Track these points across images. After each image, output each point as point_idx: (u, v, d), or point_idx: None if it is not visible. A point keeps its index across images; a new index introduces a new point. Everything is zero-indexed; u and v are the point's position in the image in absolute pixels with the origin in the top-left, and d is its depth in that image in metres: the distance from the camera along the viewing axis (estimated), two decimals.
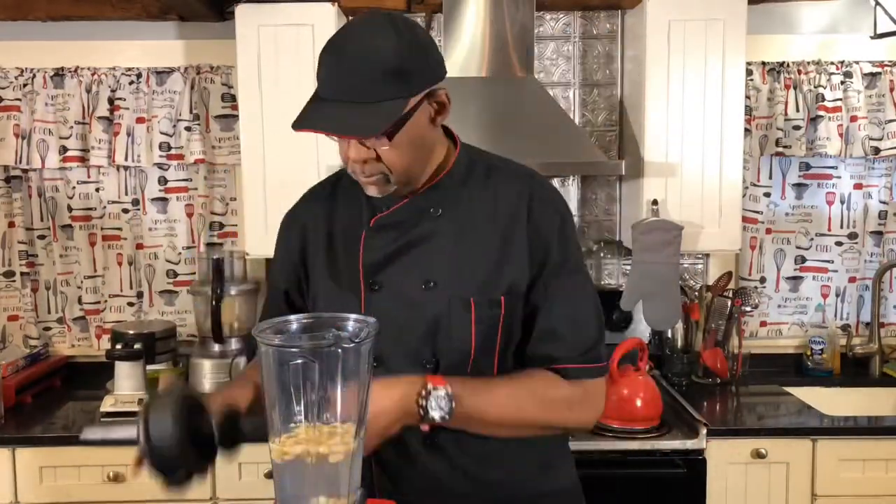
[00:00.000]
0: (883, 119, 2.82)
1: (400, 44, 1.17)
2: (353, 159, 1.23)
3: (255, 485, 2.33)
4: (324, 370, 0.96)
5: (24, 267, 2.88)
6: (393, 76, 1.16)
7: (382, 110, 1.16)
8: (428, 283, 1.30)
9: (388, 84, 1.16)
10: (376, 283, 1.32)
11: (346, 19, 2.79)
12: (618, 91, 2.88)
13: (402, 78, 1.17)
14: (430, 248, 1.31)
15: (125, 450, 2.42)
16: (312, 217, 1.42)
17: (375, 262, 1.33)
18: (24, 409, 2.56)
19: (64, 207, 2.88)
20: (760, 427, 2.38)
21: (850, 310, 2.97)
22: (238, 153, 2.69)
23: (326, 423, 0.98)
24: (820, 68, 2.80)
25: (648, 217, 2.57)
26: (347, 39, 1.19)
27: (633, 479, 2.25)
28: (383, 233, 1.33)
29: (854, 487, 2.33)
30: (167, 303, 2.94)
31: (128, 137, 2.78)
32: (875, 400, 2.76)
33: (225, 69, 2.79)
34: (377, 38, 1.16)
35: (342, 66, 1.17)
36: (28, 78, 2.78)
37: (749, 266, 2.93)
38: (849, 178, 2.92)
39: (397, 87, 1.17)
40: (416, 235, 1.32)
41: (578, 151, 2.44)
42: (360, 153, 1.22)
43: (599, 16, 2.86)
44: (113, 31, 2.81)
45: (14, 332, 2.94)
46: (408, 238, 1.32)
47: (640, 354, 2.36)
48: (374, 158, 1.22)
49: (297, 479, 1.01)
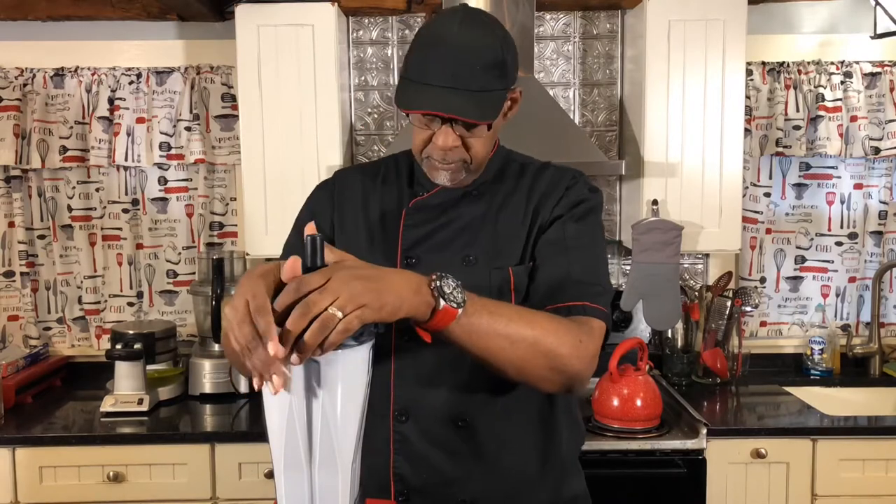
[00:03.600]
0: (883, 119, 2.82)
1: (499, 38, 1.25)
2: (441, 146, 1.27)
3: (255, 485, 2.33)
4: (325, 370, 0.95)
5: (24, 267, 2.88)
6: (496, 68, 1.23)
7: (490, 99, 1.24)
8: (467, 258, 1.33)
9: (492, 75, 1.23)
10: (413, 257, 1.35)
11: (346, 19, 2.80)
12: (618, 91, 2.88)
13: (503, 70, 1.25)
14: (468, 226, 1.36)
15: (125, 449, 2.44)
16: (350, 185, 1.45)
17: (414, 239, 1.36)
18: (24, 409, 2.56)
19: (64, 207, 2.88)
20: (760, 427, 2.38)
21: (850, 310, 2.97)
22: (238, 153, 2.69)
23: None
24: (820, 68, 2.80)
25: (648, 217, 2.57)
26: (449, 30, 1.23)
27: (633, 479, 2.26)
28: (423, 213, 1.38)
29: (854, 487, 2.33)
30: (167, 303, 2.94)
31: (128, 137, 2.79)
32: (875, 400, 2.77)
33: (225, 69, 2.79)
34: (480, 32, 1.24)
35: (448, 55, 1.22)
36: (28, 78, 2.78)
37: (749, 266, 2.93)
38: (849, 178, 2.92)
39: (500, 79, 1.25)
40: (455, 215, 1.37)
41: (578, 151, 2.44)
42: (449, 140, 1.27)
43: (599, 16, 2.86)
44: (113, 31, 2.81)
45: (14, 332, 2.94)
46: (447, 217, 1.37)
47: (640, 354, 2.36)
48: (459, 146, 1.28)
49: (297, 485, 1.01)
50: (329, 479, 0.99)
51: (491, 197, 1.38)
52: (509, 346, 1.13)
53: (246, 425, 2.46)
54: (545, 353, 1.16)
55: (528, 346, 1.14)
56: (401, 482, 1.34)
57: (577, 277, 1.29)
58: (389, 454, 1.34)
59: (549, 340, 1.16)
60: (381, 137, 2.89)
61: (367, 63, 2.87)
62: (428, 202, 1.38)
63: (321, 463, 0.98)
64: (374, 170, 1.47)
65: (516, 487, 1.36)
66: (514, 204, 1.37)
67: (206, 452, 2.33)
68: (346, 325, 0.91)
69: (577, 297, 1.27)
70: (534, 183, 1.39)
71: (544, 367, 1.17)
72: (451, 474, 1.33)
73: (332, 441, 0.98)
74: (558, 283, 1.29)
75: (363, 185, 1.44)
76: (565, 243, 1.32)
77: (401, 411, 1.33)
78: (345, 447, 0.99)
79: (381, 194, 1.42)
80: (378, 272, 1.00)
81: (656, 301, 2.59)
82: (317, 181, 1.52)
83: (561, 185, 1.38)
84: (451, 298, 1.05)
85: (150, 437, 2.36)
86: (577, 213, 1.35)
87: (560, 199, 1.36)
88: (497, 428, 1.33)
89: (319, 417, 0.97)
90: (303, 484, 0.99)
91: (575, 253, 1.32)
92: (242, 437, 2.35)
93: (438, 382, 1.32)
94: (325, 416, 0.96)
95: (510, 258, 1.34)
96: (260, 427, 2.35)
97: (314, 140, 2.50)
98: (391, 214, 1.40)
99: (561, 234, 1.33)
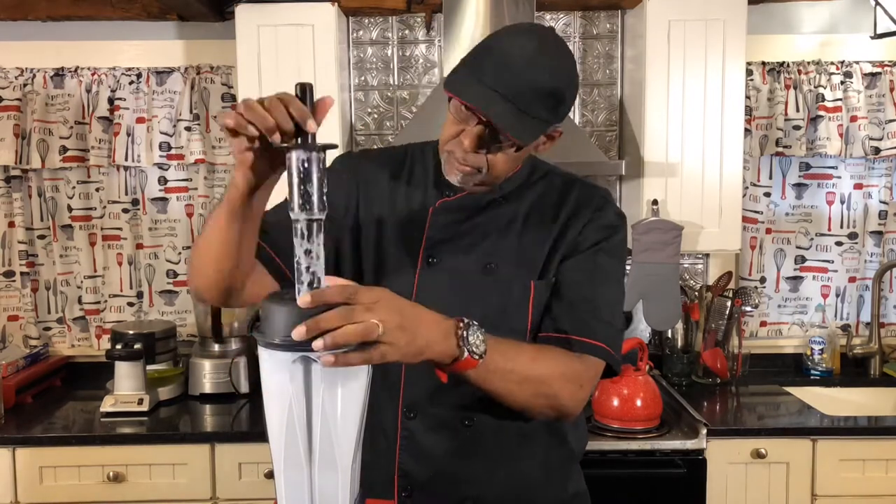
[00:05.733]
0: (883, 119, 2.82)
1: (567, 73, 1.24)
2: (467, 147, 1.25)
3: (255, 485, 2.33)
4: (325, 370, 0.95)
5: (24, 267, 2.88)
6: (552, 98, 1.22)
7: (533, 125, 1.22)
8: (489, 265, 1.33)
9: (545, 104, 1.21)
10: (434, 257, 1.35)
11: (346, 19, 2.80)
12: (618, 91, 2.88)
13: (557, 103, 1.23)
14: (492, 232, 1.36)
15: (125, 449, 2.44)
16: (385, 166, 1.43)
17: (437, 239, 1.36)
18: (24, 409, 2.56)
19: (64, 207, 2.88)
20: (760, 427, 2.38)
21: (850, 310, 2.97)
22: None
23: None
24: (820, 68, 2.80)
25: (648, 217, 2.57)
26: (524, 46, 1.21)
27: (633, 479, 2.25)
28: (448, 214, 1.37)
29: (854, 487, 2.33)
30: (167, 303, 2.94)
31: (128, 137, 2.79)
32: (875, 400, 2.77)
33: (225, 69, 2.79)
34: (552, 58, 1.22)
35: (513, 66, 1.19)
36: (28, 78, 2.78)
37: (749, 266, 2.93)
38: (849, 178, 2.92)
39: (551, 111, 1.23)
40: (480, 221, 1.36)
41: (578, 151, 2.43)
42: (474, 141, 1.25)
43: (599, 16, 2.86)
44: (113, 31, 2.81)
45: (14, 332, 2.93)
46: (472, 222, 1.36)
47: (640, 354, 2.36)
48: (483, 152, 1.26)
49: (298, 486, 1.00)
50: (329, 479, 0.99)
51: (517, 206, 1.37)
52: (517, 388, 1.20)
53: (246, 425, 2.46)
54: (546, 396, 1.24)
55: (532, 390, 1.22)
56: (405, 478, 1.35)
57: (601, 315, 1.31)
58: (395, 450, 1.35)
59: (554, 386, 1.24)
60: (381, 137, 2.89)
61: (367, 63, 2.87)
62: (454, 204, 1.37)
63: (321, 463, 0.98)
64: (399, 161, 1.44)
65: (521, 487, 1.37)
66: (540, 216, 1.37)
67: (206, 452, 2.33)
68: (366, 357, 0.95)
69: (595, 335, 1.29)
70: (562, 199, 1.38)
71: (543, 406, 1.25)
72: (456, 472, 1.34)
73: (332, 441, 0.98)
74: (581, 317, 1.30)
75: (390, 179, 1.42)
76: (594, 276, 1.33)
77: (409, 407, 1.34)
78: (345, 447, 0.99)
79: (407, 191, 1.41)
80: (417, 312, 1.05)
81: (656, 301, 2.59)
82: None
83: (590, 206, 1.37)
84: (474, 350, 1.10)
85: (150, 437, 2.36)
86: (611, 247, 1.36)
87: (589, 220, 1.35)
88: (503, 428, 1.34)
89: (319, 417, 0.97)
90: (303, 484, 0.99)
91: (602, 290, 1.33)
92: (242, 437, 2.35)
93: (448, 381, 1.33)
94: (325, 416, 0.96)
95: (532, 271, 1.33)
96: (260, 427, 2.35)
97: None
98: (416, 212, 1.39)
99: (592, 266, 1.33)
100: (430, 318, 1.07)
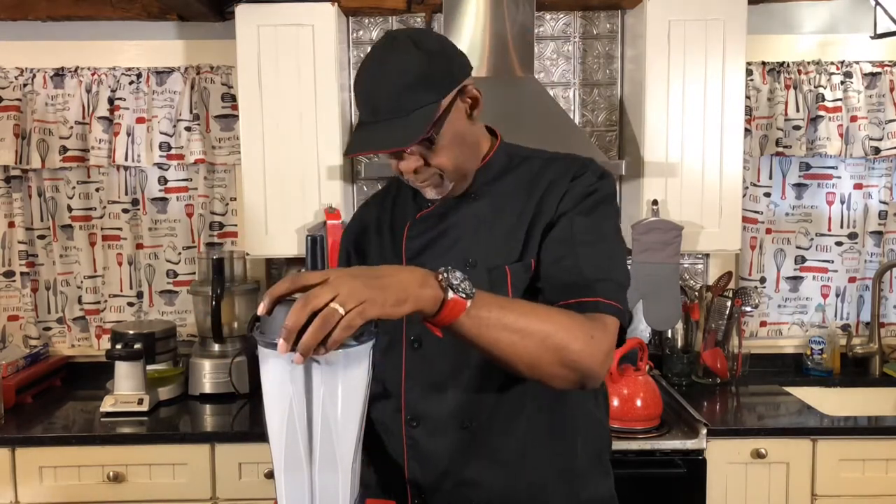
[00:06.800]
0: (883, 119, 2.82)
1: (418, 54, 1.23)
2: (405, 170, 1.31)
3: (255, 485, 2.33)
4: (325, 370, 0.95)
5: (24, 267, 2.88)
6: (418, 85, 1.22)
7: (416, 119, 1.23)
8: (468, 262, 1.33)
9: (416, 94, 1.22)
10: (417, 264, 1.33)
11: (346, 19, 2.80)
12: (618, 91, 2.88)
13: (427, 85, 1.23)
14: (468, 229, 1.36)
15: (125, 449, 2.44)
16: (370, 217, 1.51)
17: (416, 249, 1.38)
18: (24, 409, 2.56)
19: (64, 207, 2.88)
20: (760, 427, 2.37)
21: (850, 310, 2.97)
22: (238, 153, 2.69)
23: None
24: (820, 68, 2.80)
25: (648, 217, 2.57)
26: (371, 65, 1.26)
27: (633, 479, 2.25)
28: (425, 223, 1.40)
29: (854, 487, 2.33)
30: (167, 303, 2.94)
31: (128, 137, 2.79)
32: (875, 400, 2.76)
33: (225, 69, 2.79)
34: (396, 55, 1.23)
35: (373, 90, 1.24)
36: (28, 78, 2.78)
37: (749, 266, 2.93)
38: (849, 178, 2.92)
39: (425, 95, 1.23)
40: (455, 221, 1.38)
41: (578, 151, 2.40)
42: (410, 163, 1.29)
43: (599, 16, 2.86)
44: (113, 31, 2.81)
45: (14, 332, 2.94)
46: (447, 224, 1.38)
47: (640, 354, 2.36)
48: (423, 165, 1.30)
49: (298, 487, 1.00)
50: (329, 479, 0.99)
51: (491, 198, 1.37)
52: (519, 340, 1.11)
53: (246, 425, 2.46)
54: (556, 349, 1.13)
55: (538, 341, 1.12)
56: (416, 487, 1.36)
57: (588, 274, 1.25)
58: (404, 461, 1.36)
59: (561, 335, 1.14)
60: None
61: None
62: (432, 213, 1.40)
63: (321, 463, 0.99)
64: (384, 195, 1.53)
65: (529, 491, 1.36)
66: (513, 201, 1.36)
67: (206, 452, 2.33)
68: (349, 321, 0.91)
69: (588, 293, 1.23)
70: (536, 177, 1.37)
71: (555, 362, 1.14)
72: (463, 476, 1.34)
73: (332, 441, 0.98)
74: (568, 282, 1.26)
75: (378, 214, 1.49)
76: (573, 239, 1.29)
77: (412, 416, 1.35)
78: (345, 447, 0.99)
79: (392, 215, 1.46)
80: (380, 270, 1.01)
81: (656, 301, 2.59)
82: (317, 181, 1.55)
83: (566, 177, 1.34)
84: (459, 290, 1.04)
85: (150, 437, 2.36)
86: (585, 207, 1.32)
87: (565, 192, 1.33)
88: (505, 431, 1.34)
89: (319, 417, 0.97)
90: (303, 484, 1.00)
91: (584, 249, 1.28)
92: (242, 437, 2.35)
93: (446, 387, 1.33)
94: (326, 416, 0.96)
95: (508, 256, 1.32)
96: (260, 427, 2.35)
97: (314, 140, 2.50)
98: (399, 231, 1.42)
99: (568, 231, 1.30)
100: (402, 271, 1.04)
